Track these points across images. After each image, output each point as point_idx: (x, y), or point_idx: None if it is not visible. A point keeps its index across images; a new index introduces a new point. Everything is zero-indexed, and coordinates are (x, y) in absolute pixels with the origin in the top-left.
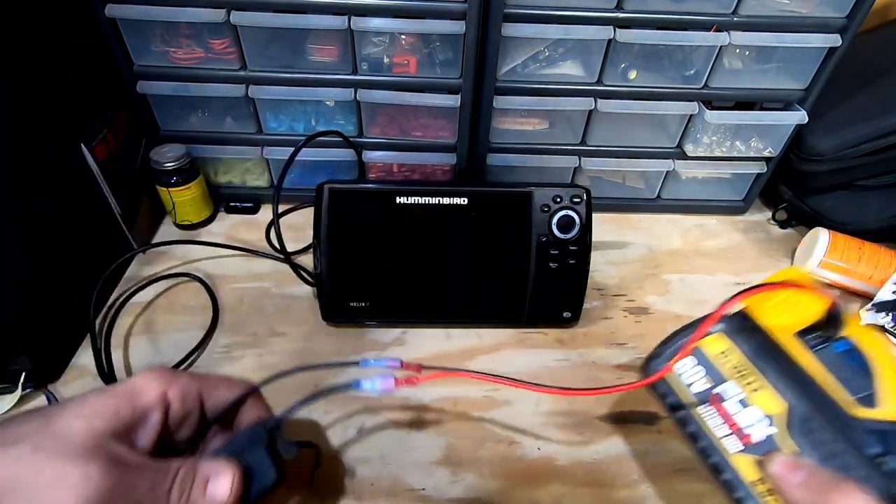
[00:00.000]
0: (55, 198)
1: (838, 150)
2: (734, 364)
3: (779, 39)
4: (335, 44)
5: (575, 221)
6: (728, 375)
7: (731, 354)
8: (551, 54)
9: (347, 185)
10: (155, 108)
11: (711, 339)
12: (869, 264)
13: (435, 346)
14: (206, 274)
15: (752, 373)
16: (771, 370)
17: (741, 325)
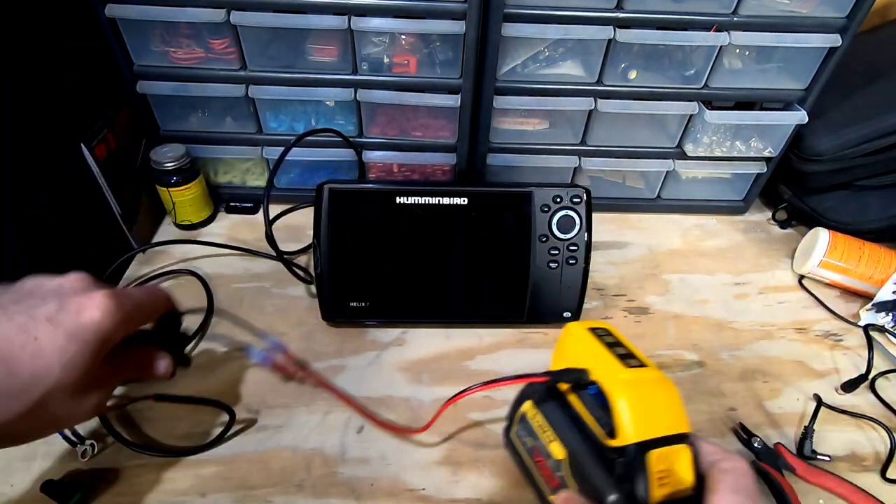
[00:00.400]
0: (55, 198)
1: (838, 150)
2: (539, 423)
3: (779, 39)
4: (335, 44)
5: (575, 221)
6: (538, 432)
7: (536, 415)
8: (551, 54)
9: (347, 185)
10: (155, 108)
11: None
12: (869, 264)
13: (435, 346)
14: (205, 273)
15: (548, 427)
16: (557, 422)
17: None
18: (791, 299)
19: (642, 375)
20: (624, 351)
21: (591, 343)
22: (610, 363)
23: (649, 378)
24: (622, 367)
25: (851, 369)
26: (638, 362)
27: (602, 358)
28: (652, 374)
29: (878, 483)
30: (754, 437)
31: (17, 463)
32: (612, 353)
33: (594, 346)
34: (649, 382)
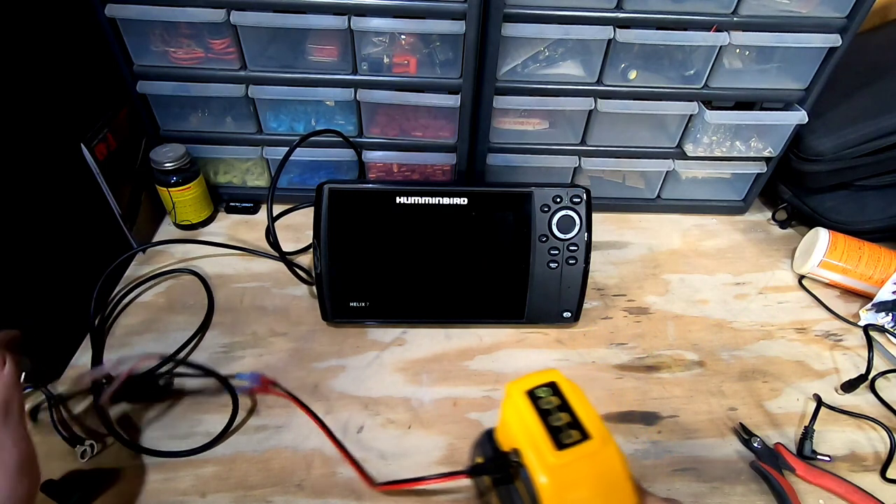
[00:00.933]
0: (55, 198)
1: (838, 150)
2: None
3: (779, 39)
4: (335, 44)
5: (575, 221)
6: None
7: (491, 490)
8: (551, 54)
9: (347, 185)
10: (155, 108)
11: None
12: (869, 264)
13: (435, 346)
14: (205, 273)
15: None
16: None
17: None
18: (791, 299)
19: (576, 455)
20: (564, 419)
21: (526, 413)
22: (540, 443)
23: (586, 455)
24: (551, 448)
25: (851, 369)
26: (577, 436)
27: (533, 435)
28: (591, 449)
29: (878, 483)
30: (754, 437)
31: None
32: (546, 428)
33: (529, 417)
34: (585, 462)
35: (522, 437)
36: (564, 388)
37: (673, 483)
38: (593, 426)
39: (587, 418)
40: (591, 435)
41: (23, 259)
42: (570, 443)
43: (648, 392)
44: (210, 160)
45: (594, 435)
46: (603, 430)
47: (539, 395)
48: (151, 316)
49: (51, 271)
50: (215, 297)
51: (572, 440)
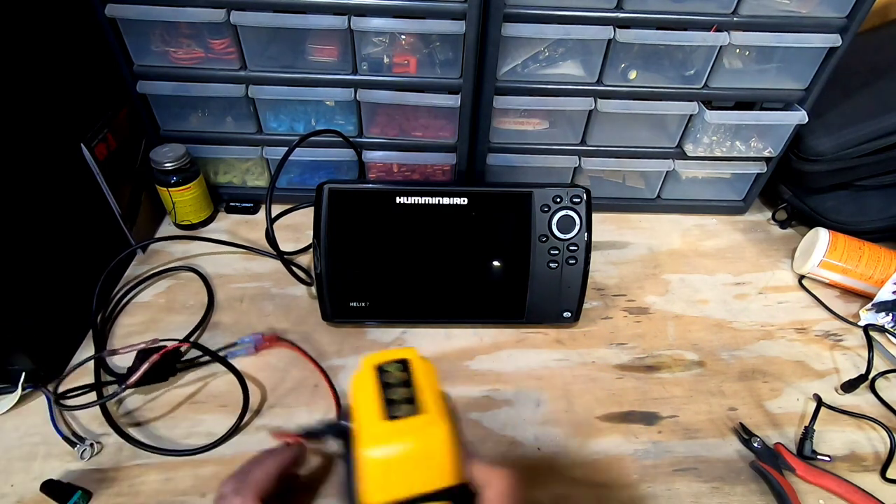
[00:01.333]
0: (55, 198)
1: (838, 150)
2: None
3: (779, 39)
4: (335, 44)
5: (575, 221)
6: None
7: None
8: (551, 54)
9: (347, 185)
10: (155, 108)
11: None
12: (869, 264)
13: (435, 346)
14: (205, 273)
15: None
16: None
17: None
18: (791, 299)
19: (401, 428)
20: (402, 394)
21: (368, 384)
22: (371, 413)
23: (411, 430)
24: (380, 419)
25: (851, 369)
26: (409, 411)
27: (369, 405)
28: (417, 424)
29: (878, 483)
30: (754, 437)
31: (18, 463)
32: (382, 400)
33: (369, 388)
34: (408, 436)
35: (359, 406)
36: (414, 366)
37: (673, 483)
38: (429, 404)
39: (425, 396)
40: (423, 411)
41: (22, 259)
42: (398, 416)
43: (648, 392)
44: (210, 160)
45: (426, 411)
46: (438, 409)
47: (387, 370)
48: (151, 316)
49: (51, 271)
50: (216, 296)
51: (402, 413)
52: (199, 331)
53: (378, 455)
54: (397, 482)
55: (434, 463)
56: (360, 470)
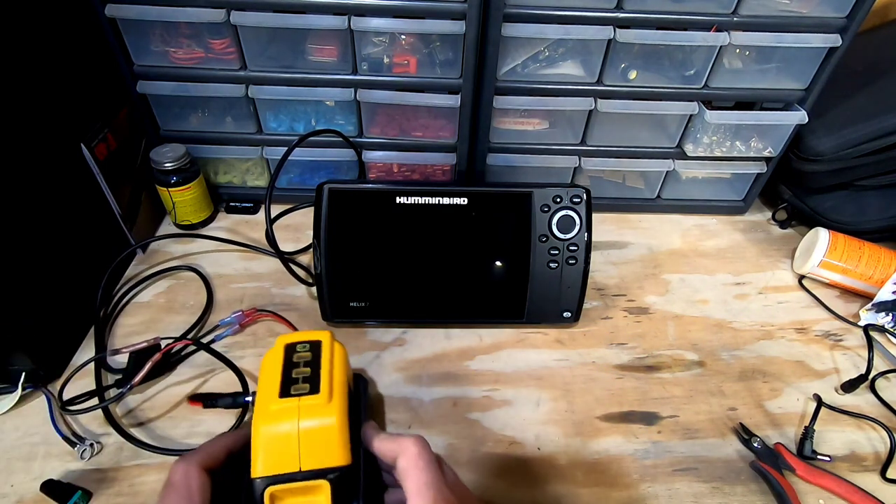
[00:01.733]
0: (55, 197)
1: (838, 150)
2: None
3: (779, 39)
4: (335, 44)
5: (575, 221)
6: None
7: None
8: (551, 54)
9: (347, 185)
10: (155, 108)
11: None
12: (869, 264)
13: (435, 346)
14: (205, 273)
15: None
16: None
17: None
18: (791, 299)
19: (295, 404)
20: (304, 373)
21: (274, 362)
22: (269, 389)
23: (305, 406)
24: (275, 395)
25: (851, 369)
26: (306, 389)
27: (269, 382)
28: (312, 402)
29: (878, 483)
30: (754, 437)
31: (18, 463)
32: (283, 377)
33: (275, 365)
34: (298, 413)
35: (261, 382)
36: (324, 349)
37: (673, 483)
38: (327, 385)
39: (325, 378)
40: (320, 391)
41: (23, 259)
42: (293, 394)
43: (648, 392)
44: (210, 160)
45: (322, 391)
46: (336, 391)
47: (296, 350)
48: (151, 315)
49: (51, 271)
50: (216, 296)
51: (297, 392)
52: (198, 329)
53: (267, 429)
54: (284, 457)
55: (321, 442)
56: (252, 442)
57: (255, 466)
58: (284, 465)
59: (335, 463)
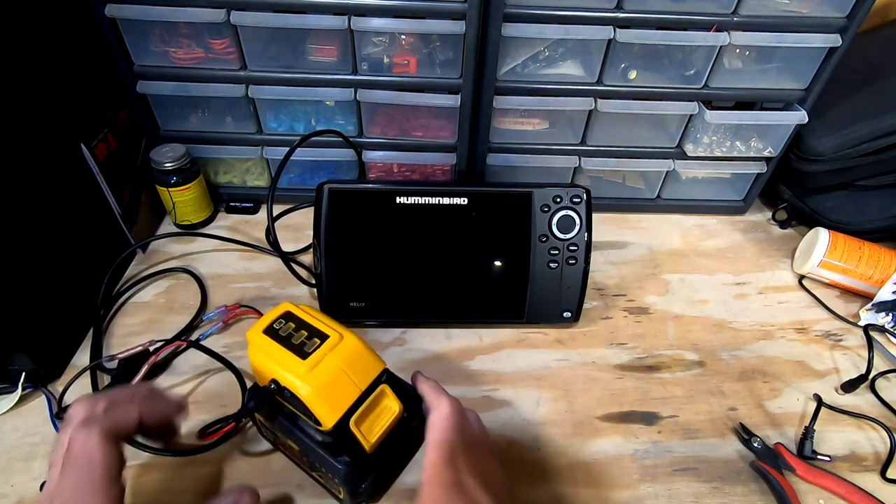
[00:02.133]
0: (55, 198)
1: (838, 150)
2: (269, 428)
3: (779, 39)
4: (335, 44)
5: (575, 221)
6: (273, 435)
7: (265, 422)
8: (551, 54)
9: (347, 185)
10: (155, 108)
11: (258, 415)
12: (869, 264)
13: (435, 346)
14: (204, 273)
15: (277, 430)
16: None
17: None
18: (791, 299)
19: (320, 355)
20: (303, 335)
21: (268, 346)
22: (288, 361)
23: (328, 351)
24: (298, 360)
25: (851, 369)
26: (317, 342)
27: (281, 358)
28: (331, 345)
29: (878, 483)
30: (754, 437)
31: (18, 463)
32: (290, 348)
33: (273, 348)
34: (329, 358)
35: (273, 366)
36: (297, 312)
37: (673, 483)
38: (327, 329)
39: (321, 325)
40: (328, 335)
41: (23, 259)
42: (312, 350)
43: (648, 392)
44: (210, 160)
45: (330, 334)
46: (337, 327)
47: (276, 328)
48: (151, 315)
49: (51, 271)
50: (216, 297)
51: (314, 346)
52: (194, 330)
53: (318, 386)
54: (344, 393)
55: (360, 363)
56: (309, 407)
57: (326, 419)
58: (348, 398)
59: (378, 369)
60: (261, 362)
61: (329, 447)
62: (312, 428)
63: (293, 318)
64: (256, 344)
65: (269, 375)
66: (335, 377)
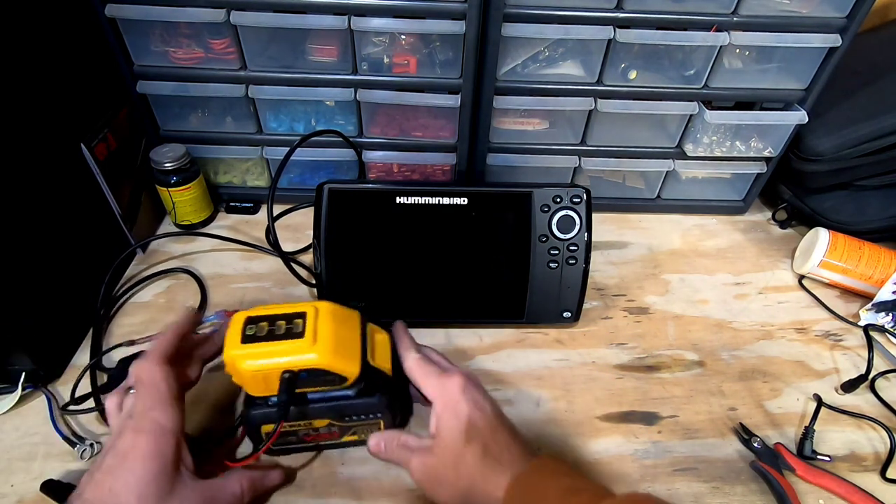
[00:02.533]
0: (55, 198)
1: (838, 150)
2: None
3: (779, 39)
4: (335, 44)
5: (575, 221)
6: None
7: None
8: (551, 54)
9: (347, 185)
10: (155, 108)
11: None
12: (869, 264)
13: (435, 346)
14: (205, 274)
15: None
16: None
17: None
18: (791, 299)
19: (312, 327)
20: (282, 324)
21: (261, 349)
22: (290, 347)
23: (315, 321)
24: (299, 341)
25: (851, 369)
26: (299, 321)
27: (282, 349)
28: (312, 314)
29: (878, 483)
30: (754, 437)
31: (18, 463)
32: (282, 338)
33: (266, 348)
34: (321, 325)
35: (278, 360)
36: (258, 313)
37: (673, 483)
38: (297, 309)
39: (289, 310)
40: (303, 311)
41: (23, 259)
42: (302, 328)
43: (648, 392)
44: (210, 160)
45: (303, 310)
46: (303, 304)
47: (252, 333)
48: (151, 315)
49: (51, 271)
50: (216, 297)
51: (301, 325)
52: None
53: (331, 350)
54: (350, 347)
55: (344, 318)
56: (333, 370)
57: (351, 370)
58: (355, 346)
59: (357, 316)
60: (260, 367)
61: (364, 392)
62: (338, 390)
63: (260, 319)
64: (244, 356)
65: (275, 373)
66: (337, 335)
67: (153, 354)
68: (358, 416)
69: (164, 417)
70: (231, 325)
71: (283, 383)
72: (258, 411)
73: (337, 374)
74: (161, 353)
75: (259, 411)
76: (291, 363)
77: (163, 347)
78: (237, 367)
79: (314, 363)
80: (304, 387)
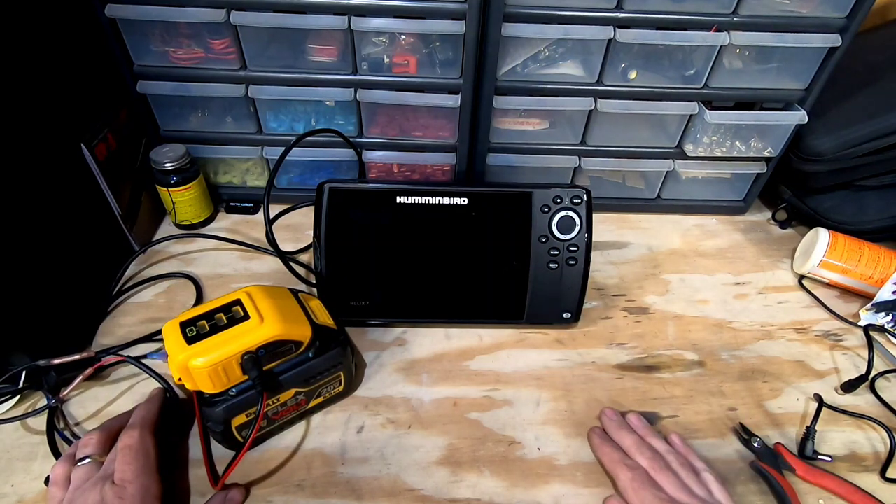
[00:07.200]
0: (55, 198)
1: (838, 150)
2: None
3: (779, 39)
4: (335, 44)
5: (575, 221)
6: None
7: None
8: (551, 54)
9: (347, 185)
10: (155, 108)
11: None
12: (869, 264)
13: (435, 346)
14: (204, 274)
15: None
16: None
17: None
18: (791, 299)
19: (253, 310)
20: (221, 317)
21: (209, 344)
22: (240, 332)
23: (253, 304)
24: (246, 324)
25: (851, 369)
26: (238, 309)
27: (232, 336)
28: (248, 301)
29: (878, 483)
30: (754, 437)
31: (18, 463)
32: (227, 327)
33: (215, 341)
34: (261, 305)
35: (232, 347)
36: (189, 315)
37: None
38: (229, 299)
39: (222, 301)
40: (237, 298)
41: (23, 259)
42: (243, 314)
43: (648, 392)
44: (210, 160)
45: (237, 297)
46: (231, 294)
47: (194, 334)
48: (151, 315)
49: (51, 271)
50: (215, 297)
51: (241, 312)
52: None
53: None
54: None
55: (277, 294)
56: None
57: (304, 333)
58: (298, 311)
59: (286, 289)
60: (217, 360)
61: (321, 349)
62: (297, 357)
63: (196, 319)
64: (196, 355)
65: (233, 361)
66: (279, 307)
67: (144, 424)
68: (321, 374)
69: (154, 485)
70: (166, 335)
71: (248, 363)
72: (222, 406)
73: (293, 340)
74: (151, 422)
75: (224, 405)
76: (248, 344)
77: (152, 417)
78: (191, 368)
79: (270, 336)
80: (265, 364)
